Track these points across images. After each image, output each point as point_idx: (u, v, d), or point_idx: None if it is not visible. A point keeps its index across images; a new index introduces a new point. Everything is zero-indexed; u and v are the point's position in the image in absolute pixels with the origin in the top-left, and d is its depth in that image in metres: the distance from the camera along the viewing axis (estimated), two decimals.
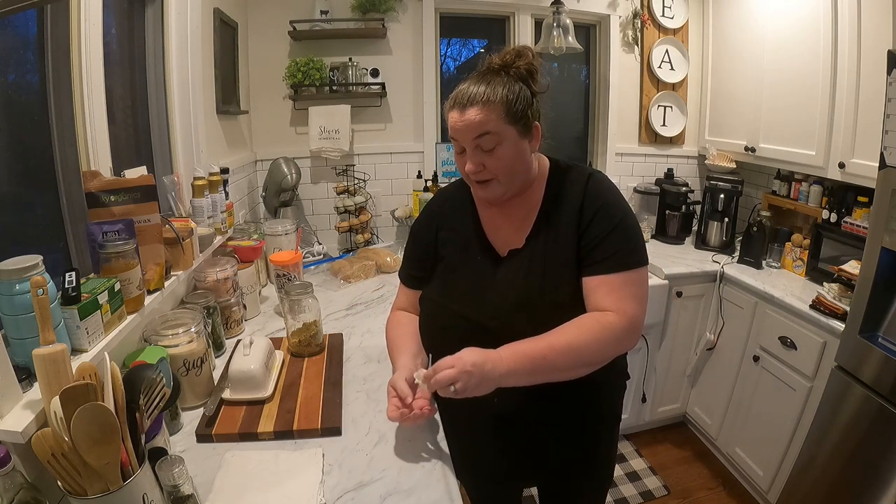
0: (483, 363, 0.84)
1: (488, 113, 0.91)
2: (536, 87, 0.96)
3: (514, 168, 0.96)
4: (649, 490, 2.06)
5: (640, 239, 0.97)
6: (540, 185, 1.03)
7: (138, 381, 0.79)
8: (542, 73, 0.97)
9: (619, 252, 0.94)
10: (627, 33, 2.53)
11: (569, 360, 0.89)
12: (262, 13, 2.21)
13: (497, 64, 0.95)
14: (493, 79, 0.93)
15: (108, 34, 1.27)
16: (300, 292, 1.33)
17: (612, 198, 0.98)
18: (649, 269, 1.04)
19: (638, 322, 0.94)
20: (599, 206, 0.96)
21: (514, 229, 1.03)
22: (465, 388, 0.83)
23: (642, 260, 0.96)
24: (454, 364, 0.83)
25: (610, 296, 0.92)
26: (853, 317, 1.44)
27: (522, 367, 0.87)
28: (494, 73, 0.95)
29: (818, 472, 1.54)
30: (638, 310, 0.94)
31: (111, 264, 0.99)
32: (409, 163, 2.47)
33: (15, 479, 0.65)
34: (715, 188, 2.32)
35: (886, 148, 1.33)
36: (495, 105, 0.91)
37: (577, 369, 0.93)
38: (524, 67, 0.94)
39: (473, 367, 0.83)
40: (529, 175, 1.01)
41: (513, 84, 0.93)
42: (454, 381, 0.82)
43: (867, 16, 1.64)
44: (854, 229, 1.77)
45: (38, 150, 1.08)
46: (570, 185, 1.00)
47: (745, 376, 1.98)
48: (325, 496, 0.86)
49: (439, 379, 0.83)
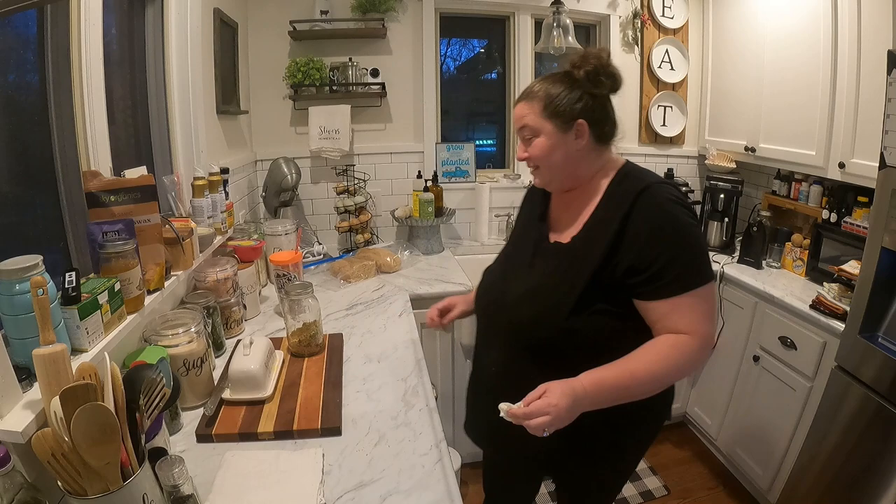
0: (573, 407, 0.87)
1: (529, 108, 1.02)
2: (596, 89, 1.00)
3: (552, 160, 1.03)
4: (649, 490, 2.06)
5: (701, 256, 0.96)
6: (602, 186, 1.04)
7: (138, 381, 0.79)
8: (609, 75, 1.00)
9: (684, 274, 0.93)
10: (627, 33, 2.53)
11: (648, 388, 0.93)
12: (262, 13, 2.21)
13: (568, 66, 1.03)
14: (553, 78, 1.03)
15: (108, 34, 1.27)
16: (300, 292, 1.33)
17: (663, 218, 0.95)
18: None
19: (711, 337, 0.96)
20: (651, 227, 0.94)
21: (570, 223, 1.07)
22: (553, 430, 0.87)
23: (708, 276, 0.95)
24: (549, 412, 0.85)
25: (683, 319, 0.93)
26: (853, 317, 1.44)
27: (602, 399, 0.91)
28: (561, 74, 1.03)
29: (818, 471, 1.54)
30: (711, 326, 0.96)
31: (111, 264, 0.99)
32: (409, 163, 2.47)
33: (15, 479, 0.64)
34: (715, 188, 2.32)
35: (886, 148, 1.33)
36: (535, 102, 1.02)
37: (651, 393, 0.95)
38: (585, 70, 1.00)
39: (568, 414, 0.87)
40: (577, 171, 1.05)
41: (565, 84, 1.01)
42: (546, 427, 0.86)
43: (867, 16, 1.64)
44: (854, 229, 1.77)
45: (38, 150, 1.08)
46: (622, 195, 0.99)
47: (745, 376, 1.98)
48: (325, 496, 0.86)
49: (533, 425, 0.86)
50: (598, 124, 1.02)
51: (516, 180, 2.54)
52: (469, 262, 2.36)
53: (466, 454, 2.10)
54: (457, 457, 1.91)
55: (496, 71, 2.64)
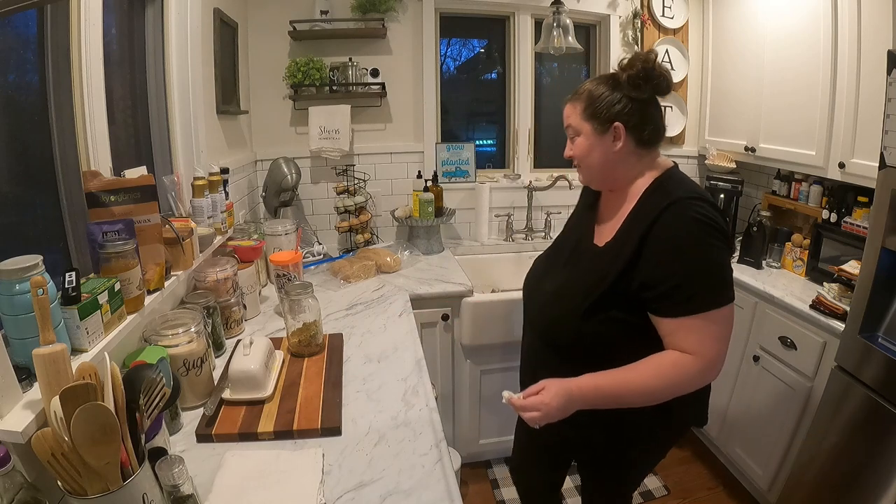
0: (565, 407, 0.94)
1: (573, 108, 1.08)
2: (635, 93, 1.01)
3: (590, 160, 1.07)
4: (649, 490, 2.06)
5: (718, 279, 0.94)
6: (639, 190, 1.05)
7: (138, 381, 0.79)
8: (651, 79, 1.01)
9: (697, 296, 0.92)
10: (627, 33, 2.53)
11: (641, 400, 0.97)
12: (262, 13, 2.21)
13: (617, 67, 1.05)
14: (600, 79, 1.06)
15: (108, 34, 1.27)
16: (300, 292, 1.33)
17: (682, 236, 0.94)
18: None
19: (719, 360, 0.95)
20: (668, 246, 0.94)
21: (610, 225, 1.09)
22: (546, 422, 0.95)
23: (723, 300, 0.94)
24: (540, 409, 0.93)
25: (689, 339, 0.94)
26: (853, 317, 1.44)
27: (596, 403, 0.97)
28: (609, 75, 1.06)
29: (818, 472, 1.54)
30: (719, 350, 0.95)
31: (111, 264, 0.99)
32: (409, 163, 2.47)
33: (15, 479, 0.64)
34: (715, 188, 2.32)
35: (886, 148, 1.33)
36: (578, 102, 1.06)
37: (648, 403, 0.98)
38: (628, 74, 1.01)
39: (559, 412, 0.94)
40: (615, 173, 1.07)
41: (608, 86, 1.03)
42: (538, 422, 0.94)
43: (867, 16, 1.64)
44: (854, 229, 1.77)
45: (38, 150, 1.08)
46: (651, 206, 0.99)
47: (745, 376, 1.98)
48: (325, 496, 0.86)
49: (526, 418, 0.95)
50: (636, 128, 1.03)
51: (516, 180, 2.54)
52: (469, 262, 2.36)
53: (466, 454, 2.11)
54: (457, 457, 1.91)
55: (496, 71, 2.64)
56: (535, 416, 0.94)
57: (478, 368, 1.98)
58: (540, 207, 2.55)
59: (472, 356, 1.96)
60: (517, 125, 2.57)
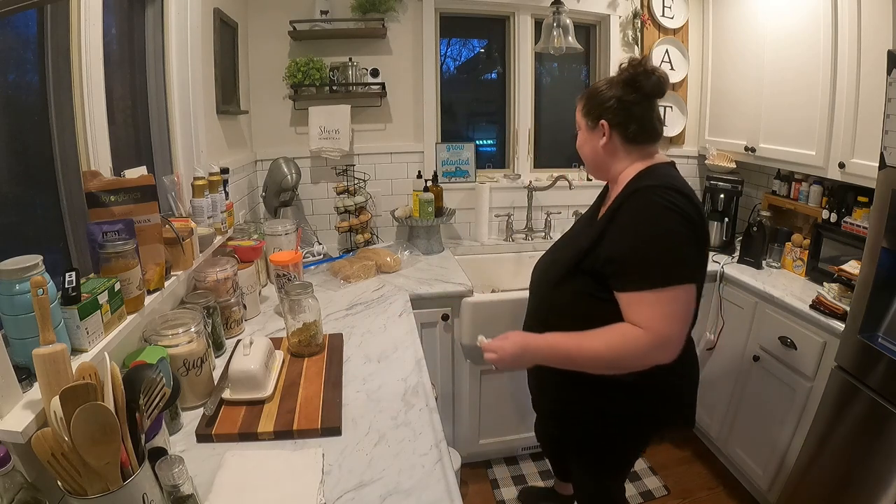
0: (521, 355, 1.11)
1: (578, 105, 1.21)
2: (623, 94, 1.11)
3: (584, 153, 1.22)
4: (649, 490, 2.06)
5: (672, 258, 1.00)
6: (625, 181, 1.13)
7: (138, 381, 0.79)
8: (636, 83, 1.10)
9: (649, 272, 0.99)
10: (627, 33, 2.53)
11: (590, 363, 1.06)
12: (262, 13, 2.21)
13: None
14: (604, 80, 1.16)
15: (108, 34, 1.27)
16: (300, 292, 1.33)
17: (643, 216, 1.02)
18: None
19: (668, 339, 0.99)
20: (629, 223, 1.03)
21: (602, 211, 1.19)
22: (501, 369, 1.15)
23: (675, 279, 0.99)
24: (497, 352, 1.13)
25: (641, 313, 1.00)
26: (853, 317, 1.44)
27: (552, 360, 1.10)
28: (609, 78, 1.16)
29: (818, 472, 1.54)
30: (669, 327, 0.99)
31: (111, 264, 0.99)
32: (409, 163, 2.47)
33: (15, 479, 0.64)
34: (715, 188, 2.32)
35: (886, 148, 1.33)
36: (581, 101, 1.20)
37: (601, 371, 1.06)
38: (621, 77, 1.12)
39: (511, 358, 1.11)
40: (604, 165, 1.18)
41: (606, 86, 1.13)
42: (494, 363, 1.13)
43: (867, 16, 1.64)
44: (854, 229, 1.77)
45: (38, 150, 1.08)
46: (624, 192, 1.09)
47: (745, 376, 1.98)
48: (325, 496, 0.86)
49: (486, 358, 1.15)
50: (620, 126, 1.12)
51: (516, 180, 2.54)
52: (469, 262, 2.36)
53: (466, 454, 2.11)
54: (457, 457, 1.91)
55: (496, 71, 2.64)
56: (492, 358, 1.13)
57: (478, 368, 1.98)
58: (540, 207, 2.55)
59: (472, 356, 1.96)
60: (517, 125, 2.57)
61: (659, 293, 0.98)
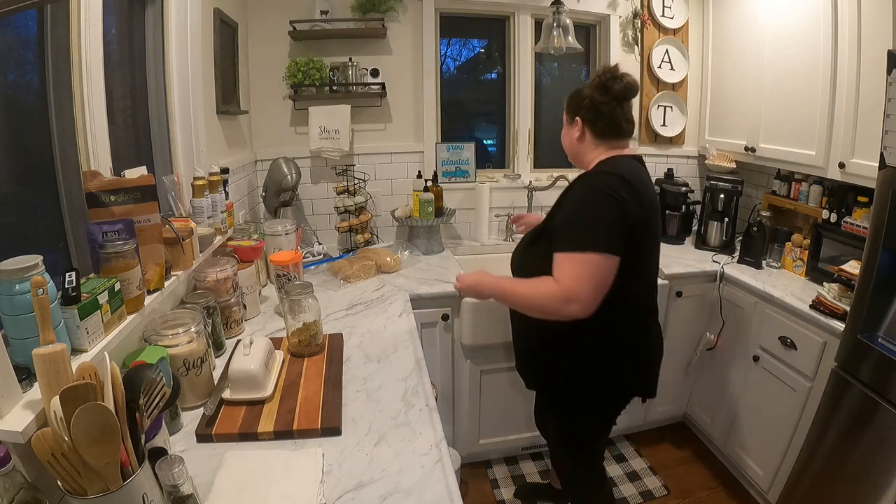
0: (475, 285, 1.37)
1: (565, 104, 1.37)
2: (595, 95, 1.27)
3: (564, 144, 1.40)
4: (649, 490, 2.06)
5: (589, 228, 1.16)
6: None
7: (138, 381, 0.79)
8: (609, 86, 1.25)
9: (571, 236, 1.17)
10: (627, 33, 2.53)
11: (519, 303, 1.29)
12: (262, 13, 2.21)
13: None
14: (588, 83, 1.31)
15: (108, 34, 1.27)
16: (300, 292, 1.33)
17: (580, 192, 1.22)
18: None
19: (575, 294, 1.14)
20: (567, 197, 1.26)
21: None
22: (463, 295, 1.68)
23: (587, 246, 1.14)
24: (459, 279, 1.41)
25: (557, 270, 1.19)
26: (853, 317, 1.44)
27: (497, 295, 1.33)
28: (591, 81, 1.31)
29: (818, 472, 1.54)
30: (578, 285, 1.14)
31: (111, 264, 0.99)
32: (409, 163, 2.47)
33: (15, 479, 0.65)
34: (715, 188, 2.32)
35: (886, 148, 1.33)
36: (566, 100, 1.36)
37: (531, 313, 1.25)
38: (594, 81, 1.28)
39: (468, 287, 1.39)
40: (578, 155, 1.36)
41: (586, 89, 1.29)
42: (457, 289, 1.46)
43: (867, 16, 1.64)
44: (854, 229, 1.77)
45: (38, 150, 1.08)
46: (581, 175, 1.28)
47: (745, 376, 1.98)
48: (325, 496, 0.86)
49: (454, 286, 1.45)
50: (590, 122, 1.30)
51: (516, 180, 2.54)
52: (469, 262, 2.36)
53: (466, 454, 2.11)
54: (457, 457, 1.91)
55: (496, 71, 2.64)
56: (456, 285, 1.42)
57: (478, 368, 1.98)
58: (540, 207, 2.55)
59: (472, 356, 1.96)
60: (517, 125, 2.57)
61: (573, 255, 1.15)
